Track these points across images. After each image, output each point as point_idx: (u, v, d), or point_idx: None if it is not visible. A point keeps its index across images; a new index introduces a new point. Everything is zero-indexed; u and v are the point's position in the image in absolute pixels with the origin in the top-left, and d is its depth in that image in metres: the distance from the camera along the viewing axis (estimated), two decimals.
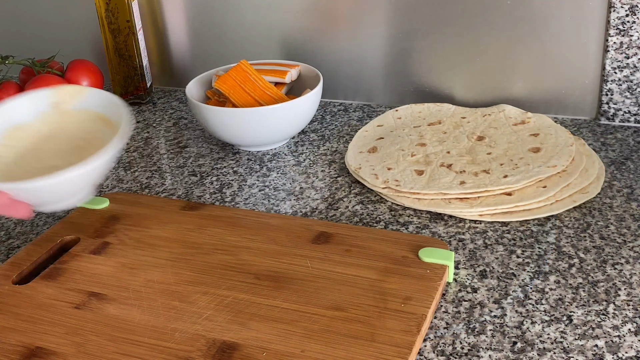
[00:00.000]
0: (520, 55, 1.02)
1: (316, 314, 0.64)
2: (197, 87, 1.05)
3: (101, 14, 1.12)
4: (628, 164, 0.89)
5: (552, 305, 0.66)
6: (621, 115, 0.99)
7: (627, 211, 0.80)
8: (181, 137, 1.07)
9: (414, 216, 0.82)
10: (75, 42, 1.28)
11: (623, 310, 0.65)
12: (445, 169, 0.87)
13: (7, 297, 0.69)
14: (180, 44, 1.21)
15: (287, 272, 0.70)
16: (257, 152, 1.00)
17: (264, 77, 1.02)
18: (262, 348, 0.60)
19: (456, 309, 0.67)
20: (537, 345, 0.62)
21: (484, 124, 0.97)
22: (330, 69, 1.12)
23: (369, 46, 1.09)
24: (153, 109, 1.18)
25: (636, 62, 0.96)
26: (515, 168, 0.85)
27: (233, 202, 0.88)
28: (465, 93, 1.07)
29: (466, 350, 0.62)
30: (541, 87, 1.03)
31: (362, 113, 1.10)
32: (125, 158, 1.02)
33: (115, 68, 1.16)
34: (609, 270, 0.71)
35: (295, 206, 0.86)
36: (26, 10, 1.30)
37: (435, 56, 1.06)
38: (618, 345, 0.61)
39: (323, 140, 1.02)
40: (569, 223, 0.78)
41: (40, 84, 1.10)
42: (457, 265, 0.73)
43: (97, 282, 0.70)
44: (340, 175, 0.92)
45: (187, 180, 0.94)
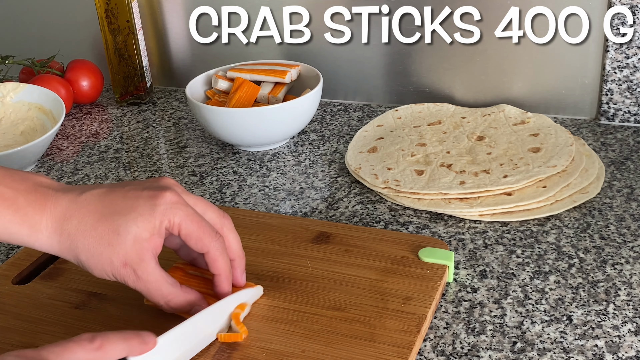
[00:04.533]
0: (520, 55, 1.02)
1: (316, 314, 0.64)
2: (197, 87, 1.05)
3: (101, 14, 1.12)
4: (628, 164, 0.89)
5: (552, 305, 0.66)
6: (621, 115, 0.99)
7: (627, 211, 0.80)
8: (181, 137, 1.07)
9: (414, 216, 0.82)
10: (75, 42, 1.28)
11: (623, 310, 0.65)
12: (445, 169, 0.87)
13: (7, 297, 0.69)
14: (180, 44, 1.21)
15: (287, 272, 0.69)
16: (257, 152, 1.00)
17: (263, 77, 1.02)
18: (262, 348, 0.60)
19: (456, 309, 0.67)
20: (537, 345, 0.62)
21: (484, 124, 0.97)
22: (330, 69, 1.12)
23: (369, 46, 1.09)
24: (153, 109, 1.18)
25: (636, 62, 0.96)
26: (515, 168, 0.85)
27: (233, 202, 0.88)
28: (465, 93, 1.07)
29: (466, 350, 0.62)
30: (541, 87, 1.03)
31: (362, 113, 1.10)
32: (125, 158, 1.02)
33: (115, 68, 1.16)
34: (609, 270, 0.71)
35: (295, 206, 0.86)
36: (26, 10, 1.29)
37: (435, 56, 1.06)
38: (618, 345, 0.61)
39: (323, 140, 1.02)
40: (569, 223, 0.78)
41: (40, 84, 1.10)
42: (457, 265, 0.73)
43: (97, 282, 0.70)
44: (340, 175, 0.92)
45: (187, 180, 0.94)
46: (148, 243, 0.59)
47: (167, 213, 0.59)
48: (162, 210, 0.59)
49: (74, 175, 0.98)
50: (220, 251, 0.62)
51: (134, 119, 1.15)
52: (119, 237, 0.58)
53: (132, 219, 0.58)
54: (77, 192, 0.61)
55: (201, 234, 0.60)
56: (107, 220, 0.58)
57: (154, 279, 0.59)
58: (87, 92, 1.19)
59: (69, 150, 1.05)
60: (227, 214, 0.65)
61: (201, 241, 0.61)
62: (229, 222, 0.64)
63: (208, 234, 0.61)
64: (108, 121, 1.15)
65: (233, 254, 0.64)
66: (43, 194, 0.60)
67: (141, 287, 0.60)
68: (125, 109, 1.18)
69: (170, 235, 0.64)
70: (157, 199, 0.59)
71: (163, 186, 0.61)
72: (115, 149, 1.05)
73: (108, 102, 1.22)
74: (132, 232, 0.58)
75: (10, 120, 1.05)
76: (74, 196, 0.60)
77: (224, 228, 0.64)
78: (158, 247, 0.60)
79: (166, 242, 0.65)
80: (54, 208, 0.59)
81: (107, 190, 0.61)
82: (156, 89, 1.25)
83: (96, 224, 0.59)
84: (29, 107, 1.06)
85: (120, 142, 1.07)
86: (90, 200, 0.60)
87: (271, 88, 1.03)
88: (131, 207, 0.59)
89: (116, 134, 1.10)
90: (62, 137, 1.10)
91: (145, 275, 0.59)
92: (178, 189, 0.62)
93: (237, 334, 0.61)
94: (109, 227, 0.58)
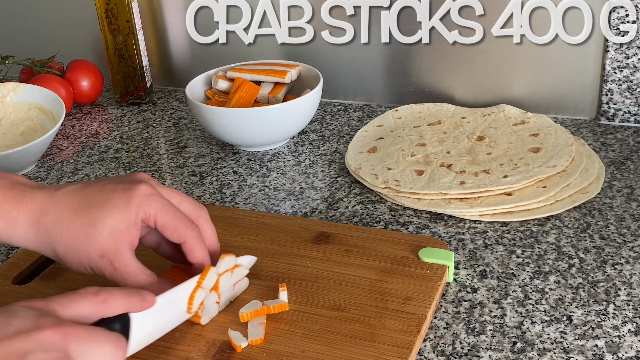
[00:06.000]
0: (520, 55, 1.02)
1: (316, 314, 0.64)
2: (197, 87, 1.05)
3: (101, 14, 1.12)
4: (628, 164, 0.89)
5: (552, 305, 0.66)
6: (621, 115, 0.99)
7: (627, 211, 0.80)
8: (181, 137, 1.07)
9: (414, 216, 0.82)
10: (75, 42, 1.28)
11: (623, 310, 0.65)
12: (445, 169, 0.87)
13: (7, 297, 0.69)
14: (180, 44, 1.21)
15: (287, 272, 0.69)
16: (257, 152, 1.00)
17: (263, 77, 1.02)
18: (262, 348, 0.60)
19: (456, 309, 0.67)
20: (537, 345, 0.62)
21: (484, 124, 0.97)
22: (330, 69, 1.12)
23: (369, 46, 1.09)
24: (153, 109, 1.18)
25: (636, 62, 0.96)
26: (515, 168, 0.85)
27: (233, 202, 0.88)
28: (465, 93, 1.07)
29: (466, 350, 0.62)
30: (541, 87, 1.03)
31: (362, 113, 1.10)
32: (125, 158, 1.02)
33: (115, 68, 1.16)
34: (609, 270, 0.71)
35: (295, 206, 0.86)
36: (26, 10, 1.29)
37: (435, 56, 1.06)
38: (618, 345, 0.61)
39: (323, 140, 1.02)
40: (569, 223, 0.79)
41: (40, 84, 1.10)
42: (457, 265, 0.73)
43: (97, 282, 0.70)
44: (340, 175, 0.92)
45: (187, 180, 0.94)
46: (124, 235, 0.60)
47: (142, 205, 0.60)
48: (137, 202, 0.60)
49: (74, 175, 0.98)
50: (197, 240, 0.63)
51: (134, 119, 1.15)
52: (95, 229, 0.59)
53: (107, 211, 0.59)
54: (53, 188, 0.62)
55: (177, 224, 0.62)
56: (84, 213, 0.60)
57: (131, 270, 0.60)
58: (87, 92, 1.19)
59: (69, 150, 1.05)
60: (203, 205, 0.66)
61: (177, 231, 0.62)
62: (204, 213, 0.65)
63: (184, 223, 0.62)
64: (108, 121, 1.15)
65: (209, 245, 0.65)
66: (20, 190, 0.61)
67: (119, 279, 0.61)
68: (125, 109, 1.18)
69: (147, 233, 0.66)
70: (132, 191, 0.61)
71: (138, 180, 0.62)
72: (115, 149, 1.05)
73: (108, 102, 1.22)
74: (109, 224, 0.59)
75: (10, 120, 1.05)
76: (51, 192, 0.61)
77: (200, 219, 0.65)
78: (134, 239, 0.61)
79: (144, 240, 0.66)
80: (31, 203, 0.60)
81: (83, 185, 0.62)
82: (156, 89, 1.25)
83: (72, 217, 0.60)
84: (29, 107, 1.06)
85: (120, 142, 1.07)
86: (66, 195, 0.61)
87: (271, 88, 1.03)
88: (107, 200, 0.60)
89: (116, 134, 1.10)
90: (62, 137, 1.10)
91: (122, 266, 0.60)
92: (152, 182, 0.63)
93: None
94: (86, 220, 0.59)
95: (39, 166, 1.01)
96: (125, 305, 0.55)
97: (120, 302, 0.54)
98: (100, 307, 0.53)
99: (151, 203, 0.61)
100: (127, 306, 0.55)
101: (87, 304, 0.53)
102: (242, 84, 1.00)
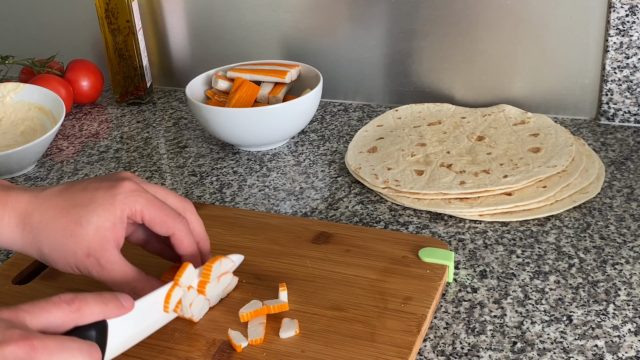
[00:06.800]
0: (520, 55, 1.02)
1: (316, 314, 0.64)
2: (197, 87, 1.05)
3: (101, 14, 1.12)
4: (628, 164, 0.89)
5: (552, 305, 0.66)
6: (621, 115, 0.99)
7: (627, 211, 0.80)
8: (181, 137, 1.07)
9: (414, 216, 0.82)
10: (75, 42, 1.28)
11: (623, 310, 0.65)
12: (445, 169, 0.87)
13: (7, 297, 0.69)
14: (180, 44, 1.21)
15: (287, 272, 0.70)
16: (257, 152, 1.00)
17: (263, 77, 1.02)
18: (262, 348, 0.60)
19: (456, 309, 0.67)
20: (537, 345, 0.62)
21: (484, 124, 0.97)
22: (330, 69, 1.12)
23: (369, 46, 1.09)
24: (153, 109, 1.18)
25: (636, 62, 0.96)
26: (515, 168, 0.85)
27: (233, 202, 0.88)
28: (465, 93, 1.07)
29: (466, 350, 0.62)
30: (541, 87, 1.03)
31: (362, 113, 1.10)
32: (125, 158, 1.02)
33: (115, 68, 1.16)
34: (609, 270, 0.71)
35: (295, 206, 0.86)
36: (26, 10, 1.30)
37: (435, 56, 1.06)
38: (618, 345, 0.61)
39: (323, 140, 1.02)
40: (569, 223, 0.79)
41: (40, 84, 1.10)
42: (457, 265, 0.73)
43: (97, 282, 0.70)
44: (340, 175, 0.92)
45: (187, 180, 0.94)
46: (110, 232, 0.60)
47: (127, 201, 0.60)
48: (121, 199, 0.60)
49: (74, 175, 0.98)
50: (185, 232, 0.63)
51: (134, 119, 1.15)
52: (80, 228, 0.59)
53: (92, 209, 0.60)
54: (38, 190, 0.62)
55: (164, 217, 0.62)
56: (69, 213, 0.60)
57: (119, 268, 0.60)
58: (87, 92, 1.19)
59: (69, 150, 1.05)
60: (188, 199, 0.66)
61: (165, 224, 0.62)
62: (190, 207, 0.66)
63: (171, 216, 0.62)
64: (108, 121, 1.15)
65: (197, 237, 0.65)
66: (4, 192, 0.61)
67: (106, 277, 0.61)
68: (125, 109, 1.18)
69: (134, 231, 0.66)
70: (116, 188, 0.61)
71: (121, 177, 0.63)
72: (115, 149, 1.05)
73: (108, 102, 1.22)
74: (94, 223, 0.59)
75: (10, 120, 1.05)
76: (36, 193, 0.62)
77: (187, 212, 0.65)
78: (120, 236, 0.61)
79: (131, 238, 0.66)
80: (16, 204, 0.61)
81: (67, 185, 0.62)
82: (156, 89, 1.25)
83: (58, 216, 0.60)
84: (29, 107, 1.06)
85: (120, 142, 1.07)
86: (51, 196, 0.61)
87: (271, 88, 1.03)
88: (91, 199, 0.60)
89: (116, 134, 1.10)
90: (62, 137, 1.10)
91: (109, 264, 0.60)
92: (136, 179, 0.64)
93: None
94: (71, 219, 0.59)
95: (39, 166, 1.01)
96: (100, 312, 0.54)
97: (95, 309, 0.53)
98: (73, 315, 0.52)
99: (136, 199, 0.61)
100: (102, 314, 0.54)
101: (60, 313, 0.52)
102: (242, 84, 1.01)
